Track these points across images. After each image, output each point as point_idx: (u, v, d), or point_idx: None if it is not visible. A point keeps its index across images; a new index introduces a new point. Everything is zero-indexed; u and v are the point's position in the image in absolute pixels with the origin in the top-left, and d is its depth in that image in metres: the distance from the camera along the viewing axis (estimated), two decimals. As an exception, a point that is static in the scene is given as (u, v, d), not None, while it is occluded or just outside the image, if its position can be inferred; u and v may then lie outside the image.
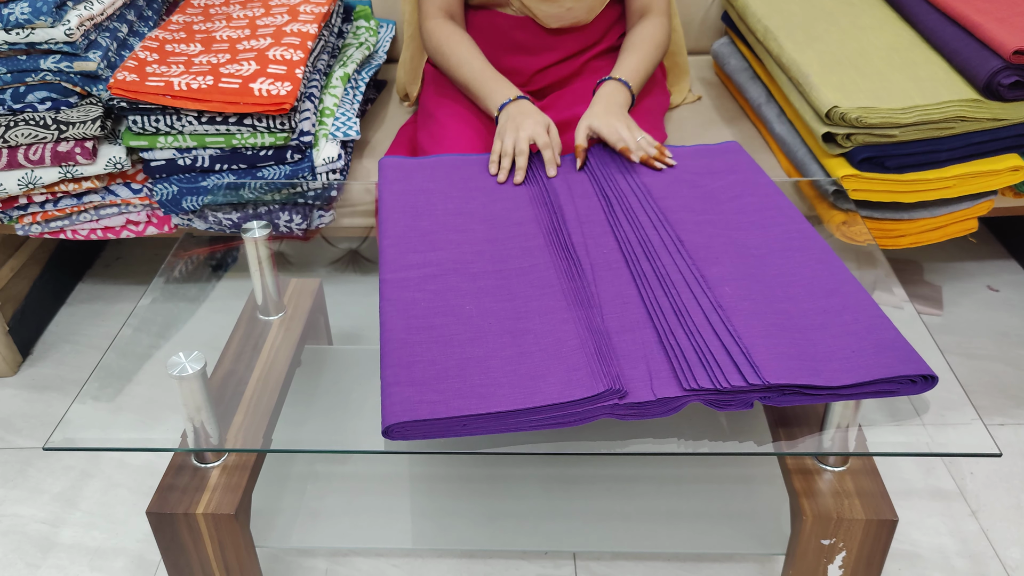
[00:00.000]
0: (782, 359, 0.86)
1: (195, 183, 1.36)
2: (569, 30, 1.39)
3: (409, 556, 1.19)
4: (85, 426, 0.97)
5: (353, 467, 1.25)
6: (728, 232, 1.08)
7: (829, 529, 0.91)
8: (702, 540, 1.12)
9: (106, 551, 1.23)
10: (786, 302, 0.96)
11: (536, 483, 1.21)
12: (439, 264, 1.04)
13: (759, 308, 0.94)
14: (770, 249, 1.05)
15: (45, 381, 1.54)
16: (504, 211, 1.14)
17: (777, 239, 1.07)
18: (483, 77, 1.32)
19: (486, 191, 1.19)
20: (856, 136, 1.25)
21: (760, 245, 1.06)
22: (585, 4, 1.35)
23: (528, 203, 1.16)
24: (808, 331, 0.91)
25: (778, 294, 0.97)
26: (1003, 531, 1.22)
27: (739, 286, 0.97)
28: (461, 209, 1.15)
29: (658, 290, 0.97)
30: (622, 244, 1.06)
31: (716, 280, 0.98)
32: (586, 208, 1.14)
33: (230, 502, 0.93)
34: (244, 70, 1.30)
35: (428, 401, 0.85)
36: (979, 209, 1.38)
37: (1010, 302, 1.66)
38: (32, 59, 1.27)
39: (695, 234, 1.06)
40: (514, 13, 1.38)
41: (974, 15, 1.29)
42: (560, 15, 1.35)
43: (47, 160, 1.31)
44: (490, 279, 1.02)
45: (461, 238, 1.09)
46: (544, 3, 1.34)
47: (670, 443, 0.95)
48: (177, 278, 1.22)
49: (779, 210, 1.12)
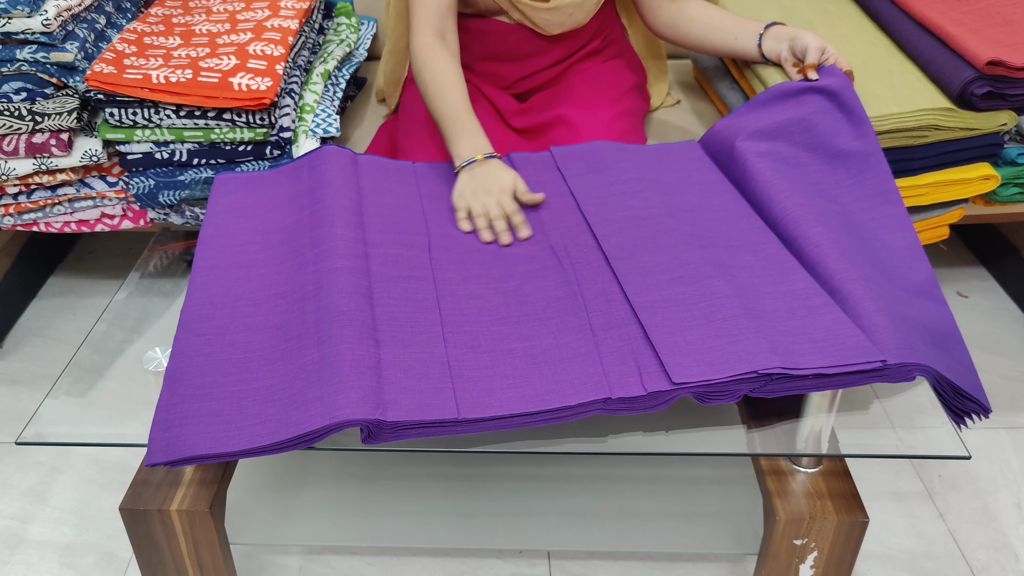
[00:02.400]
0: (765, 350, 0.88)
1: (172, 177, 1.35)
2: (563, 35, 1.39)
3: (384, 554, 1.19)
4: (57, 421, 0.96)
5: (329, 465, 1.24)
6: (692, 226, 1.11)
7: (801, 529, 0.92)
8: (676, 540, 1.13)
9: (76, 547, 1.21)
10: (752, 292, 0.99)
11: (511, 482, 1.22)
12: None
13: (732, 301, 0.96)
14: (732, 242, 1.08)
15: (14, 375, 1.52)
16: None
17: (739, 232, 1.10)
18: (457, 119, 1.22)
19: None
20: None
21: (722, 237, 1.09)
22: (585, 8, 1.35)
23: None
24: (776, 319, 0.94)
25: (747, 283, 1.00)
26: (970, 533, 1.25)
27: (724, 280, 0.99)
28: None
29: (639, 286, 0.99)
30: (601, 243, 1.07)
31: (696, 275, 1.00)
32: (561, 209, 1.15)
33: (204, 499, 0.93)
34: (224, 64, 1.29)
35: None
36: (951, 216, 1.40)
37: (979, 308, 1.69)
38: (8, 49, 1.25)
39: (663, 232, 1.08)
40: (509, 21, 1.36)
41: (949, 25, 1.31)
42: (562, 21, 1.34)
43: (21, 151, 1.30)
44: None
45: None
46: (547, 11, 1.32)
47: (645, 443, 0.96)
48: (152, 273, 1.21)
49: (735, 204, 1.16)
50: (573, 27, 1.37)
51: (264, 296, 1.01)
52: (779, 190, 1.11)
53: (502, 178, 1.15)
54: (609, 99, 1.39)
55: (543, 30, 1.35)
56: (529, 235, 1.11)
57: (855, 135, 1.18)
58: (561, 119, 1.35)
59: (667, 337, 0.91)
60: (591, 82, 1.41)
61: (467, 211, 1.14)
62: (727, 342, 0.90)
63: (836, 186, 1.17)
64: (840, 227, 1.08)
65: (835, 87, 1.20)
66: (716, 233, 1.10)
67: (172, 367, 0.91)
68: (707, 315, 0.94)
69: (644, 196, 1.15)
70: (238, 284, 1.03)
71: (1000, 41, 1.27)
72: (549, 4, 1.32)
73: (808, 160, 1.19)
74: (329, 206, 1.10)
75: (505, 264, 1.06)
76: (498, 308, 0.99)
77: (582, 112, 1.35)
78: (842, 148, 1.18)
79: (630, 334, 0.93)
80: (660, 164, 1.25)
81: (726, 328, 0.91)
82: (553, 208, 1.15)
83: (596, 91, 1.39)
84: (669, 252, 1.04)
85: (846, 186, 1.17)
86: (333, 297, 0.95)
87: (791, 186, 1.12)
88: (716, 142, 1.26)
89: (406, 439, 0.86)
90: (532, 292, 1.01)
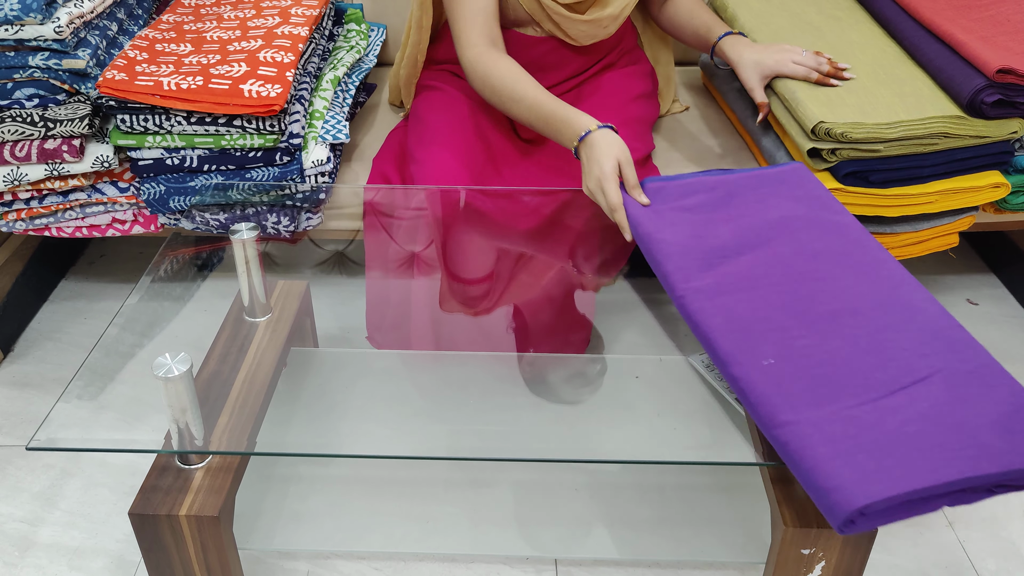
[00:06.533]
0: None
1: (183, 183, 1.36)
2: (586, 47, 1.39)
3: (391, 560, 1.19)
4: (68, 425, 0.97)
5: (336, 470, 1.25)
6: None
7: (809, 539, 0.92)
8: (683, 548, 1.13)
9: (85, 551, 1.22)
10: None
11: (519, 489, 1.22)
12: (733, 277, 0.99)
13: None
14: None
15: (26, 379, 1.53)
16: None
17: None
18: (544, 114, 1.20)
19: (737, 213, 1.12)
20: (841, 151, 1.27)
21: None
22: (619, 20, 1.34)
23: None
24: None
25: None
26: (979, 542, 1.24)
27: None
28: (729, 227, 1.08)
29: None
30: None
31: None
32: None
33: (213, 504, 0.93)
34: (234, 71, 1.30)
35: (886, 468, 0.78)
36: (960, 224, 1.40)
37: (989, 315, 1.68)
38: (20, 55, 1.26)
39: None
40: (536, 33, 1.36)
41: (959, 33, 1.31)
42: (595, 33, 1.34)
43: (33, 157, 1.31)
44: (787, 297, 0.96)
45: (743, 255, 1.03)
46: (584, 23, 1.32)
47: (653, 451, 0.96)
48: (164, 278, 1.22)
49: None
50: (603, 38, 1.37)
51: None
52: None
53: (604, 165, 1.11)
54: (617, 105, 1.39)
55: (575, 41, 1.35)
56: (646, 202, 1.11)
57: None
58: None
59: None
60: (600, 90, 1.41)
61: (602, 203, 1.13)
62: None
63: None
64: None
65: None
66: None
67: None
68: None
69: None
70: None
71: (1011, 49, 1.27)
72: (586, 16, 1.31)
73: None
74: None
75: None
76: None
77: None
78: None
79: None
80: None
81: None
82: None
83: (604, 98, 1.40)
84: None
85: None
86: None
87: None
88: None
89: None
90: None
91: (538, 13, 1.31)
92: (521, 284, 1.30)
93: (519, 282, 1.30)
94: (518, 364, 1.23)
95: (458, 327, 1.33)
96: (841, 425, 0.82)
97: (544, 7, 1.30)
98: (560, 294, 1.33)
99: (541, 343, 1.30)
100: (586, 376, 1.24)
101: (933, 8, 1.38)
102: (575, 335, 1.34)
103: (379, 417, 1.16)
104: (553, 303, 1.32)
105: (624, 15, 1.34)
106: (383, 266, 1.39)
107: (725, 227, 1.08)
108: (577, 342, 1.34)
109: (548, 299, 1.32)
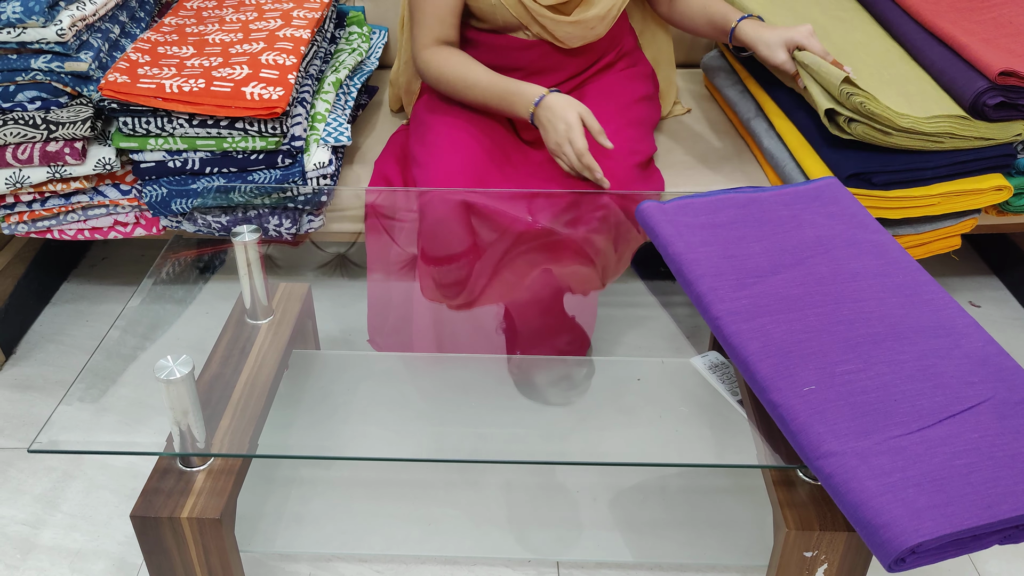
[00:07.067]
0: None
1: (185, 186, 1.36)
2: (580, 48, 1.39)
3: (392, 562, 1.19)
4: (70, 428, 0.97)
5: (338, 472, 1.25)
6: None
7: (811, 541, 0.92)
8: (685, 550, 1.13)
9: (87, 553, 1.22)
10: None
11: (520, 491, 1.22)
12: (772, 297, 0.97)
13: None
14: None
15: (28, 381, 1.53)
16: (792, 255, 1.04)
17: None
18: (496, 93, 1.29)
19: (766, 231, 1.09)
20: (856, 126, 1.26)
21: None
22: (606, 21, 1.35)
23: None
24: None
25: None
26: (982, 545, 1.24)
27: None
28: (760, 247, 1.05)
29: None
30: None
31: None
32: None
33: (215, 506, 0.93)
34: (236, 74, 1.30)
35: (938, 505, 0.75)
36: (963, 227, 1.40)
37: (991, 318, 1.68)
38: (23, 58, 1.26)
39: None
40: (528, 37, 1.37)
41: (961, 36, 1.31)
42: (583, 35, 1.35)
43: (36, 160, 1.31)
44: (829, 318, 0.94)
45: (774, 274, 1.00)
46: (569, 25, 1.33)
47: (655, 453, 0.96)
48: (165, 280, 1.22)
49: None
50: (592, 40, 1.37)
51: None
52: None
53: (567, 117, 1.22)
54: (618, 108, 1.39)
55: (563, 44, 1.35)
56: (610, 146, 1.22)
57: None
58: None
59: None
60: (601, 92, 1.41)
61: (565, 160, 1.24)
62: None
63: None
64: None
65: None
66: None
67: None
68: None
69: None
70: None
71: (1013, 52, 1.27)
72: (571, 18, 1.32)
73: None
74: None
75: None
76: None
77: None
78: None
79: None
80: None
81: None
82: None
83: (606, 100, 1.40)
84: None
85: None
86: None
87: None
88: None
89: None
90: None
91: (524, 16, 1.32)
92: (521, 285, 1.30)
93: (519, 283, 1.30)
94: (507, 366, 1.23)
95: (460, 330, 1.33)
96: (888, 457, 0.80)
97: (528, 10, 1.31)
98: (562, 296, 1.33)
99: (542, 345, 1.30)
100: (572, 379, 1.24)
101: (935, 11, 1.38)
102: (576, 337, 1.34)
103: (381, 419, 1.16)
104: (554, 305, 1.32)
105: (611, 16, 1.35)
106: (385, 268, 1.39)
107: (758, 245, 1.05)
108: (578, 344, 1.34)
109: (549, 301, 1.32)
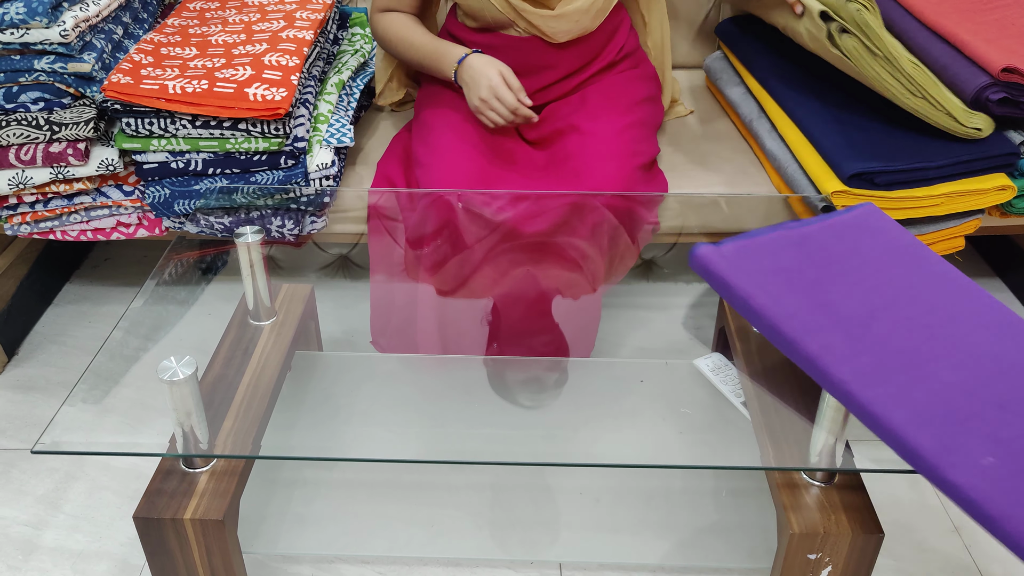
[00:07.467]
0: None
1: (187, 187, 1.36)
2: (574, 44, 1.39)
3: (395, 564, 1.19)
4: (73, 429, 0.97)
5: (341, 474, 1.25)
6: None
7: (815, 544, 0.92)
8: (688, 553, 1.13)
9: (89, 554, 1.22)
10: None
11: (523, 493, 1.22)
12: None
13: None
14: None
15: (30, 382, 1.53)
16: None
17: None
18: (428, 54, 1.37)
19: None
20: (846, 38, 1.26)
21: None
22: (590, 13, 1.35)
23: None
24: None
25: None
26: (985, 547, 1.23)
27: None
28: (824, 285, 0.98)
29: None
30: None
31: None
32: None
33: (218, 508, 0.93)
34: (239, 75, 1.30)
35: None
36: (966, 228, 1.40)
37: (995, 320, 1.68)
38: (26, 59, 1.26)
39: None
40: (519, 33, 1.37)
41: (963, 34, 1.31)
42: (570, 28, 1.35)
43: (38, 160, 1.31)
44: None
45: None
46: (553, 20, 1.33)
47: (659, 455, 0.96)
48: (168, 281, 1.22)
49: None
50: (580, 33, 1.37)
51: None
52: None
53: (490, 75, 1.29)
54: (621, 109, 1.39)
55: (552, 38, 1.36)
56: (529, 104, 1.31)
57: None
58: (573, 127, 1.35)
59: None
60: (604, 93, 1.41)
61: (487, 109, 1.30)
62: None
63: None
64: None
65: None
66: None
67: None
68: None
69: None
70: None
71: (1015, 51, 1.27)
72: (555, 12, 1.33)
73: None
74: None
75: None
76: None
77: (593, 122, 1.35)
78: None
79: None
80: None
81: None
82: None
83: (608, 101, 1.40)
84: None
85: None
86: None
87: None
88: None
89: None
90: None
91: (510, 12, 1.33)
92: (521, 286, 1.30)
93: (519, 284, 1.30)
94: (486, 365, 1.23)
95: (463, 331, 1.33)
96: None
97: (513, 5, 1.32)
98: (565, 298, 1.33)
99: (542, 347, 1.30)
100: (542, 382, 1.24)
101: (938, 11, 1.38)
102: (580, 339, 1.34)
103: (383, 421, 1.16)
104: (557, 307, 1.32)
105: (596, 8, 1.34)
106: (387, 270, 1.39)
107: (837, 288, 0.98)
108: (582, 346, 1.34)
109: (552, 303, 1.32)
